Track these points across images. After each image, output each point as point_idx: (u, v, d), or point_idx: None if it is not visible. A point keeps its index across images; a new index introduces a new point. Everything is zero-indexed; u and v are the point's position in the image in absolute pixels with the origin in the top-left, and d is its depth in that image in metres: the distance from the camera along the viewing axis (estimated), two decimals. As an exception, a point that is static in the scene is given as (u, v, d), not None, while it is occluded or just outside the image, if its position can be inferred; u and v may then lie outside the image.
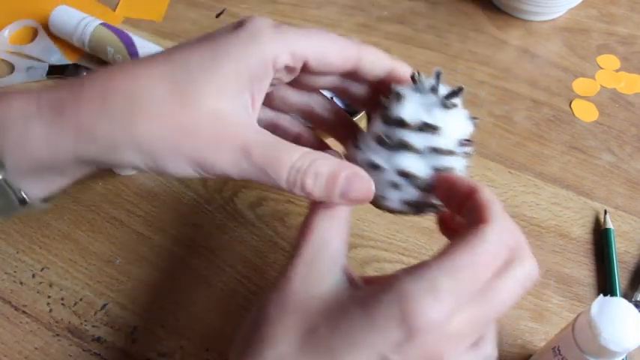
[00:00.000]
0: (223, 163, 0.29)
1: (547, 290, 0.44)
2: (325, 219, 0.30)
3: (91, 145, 0.29)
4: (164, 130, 0.29)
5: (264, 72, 0.31)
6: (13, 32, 0.60)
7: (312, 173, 0.29)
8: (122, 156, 0.29)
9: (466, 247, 0.26)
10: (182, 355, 0.40)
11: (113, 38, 0.55)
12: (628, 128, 0.54)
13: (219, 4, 0.63)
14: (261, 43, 0.31)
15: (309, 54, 0.32)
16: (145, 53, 0.54)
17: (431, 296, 0.25)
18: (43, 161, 0.29)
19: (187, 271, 0.44)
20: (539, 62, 0.59)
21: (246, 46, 0.31)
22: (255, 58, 0.31)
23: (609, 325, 0.30)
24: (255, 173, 0.29)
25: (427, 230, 0.46)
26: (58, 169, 0.31)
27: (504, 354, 0.41)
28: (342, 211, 0.31)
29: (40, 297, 0.43)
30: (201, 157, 0.29)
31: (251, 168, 0.29)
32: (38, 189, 0.31)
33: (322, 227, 0.30)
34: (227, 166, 0.29)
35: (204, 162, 0.29)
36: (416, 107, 0.31)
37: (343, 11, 0.63)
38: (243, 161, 0.29)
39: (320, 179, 0.29)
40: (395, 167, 0.31)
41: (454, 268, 0.26)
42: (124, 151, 0.29)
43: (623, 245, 0.46)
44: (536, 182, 0.50)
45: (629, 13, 0.63)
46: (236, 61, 0.30)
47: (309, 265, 0.29)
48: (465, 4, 0.64)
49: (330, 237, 0.30)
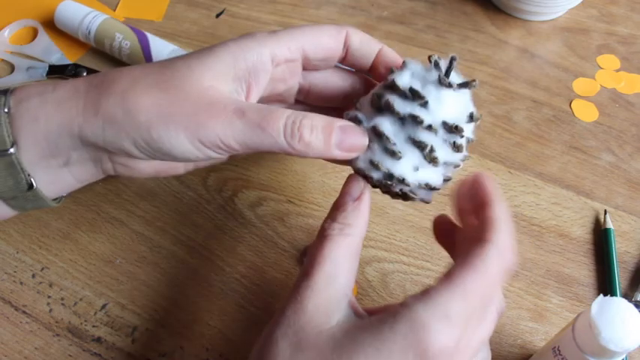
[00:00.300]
0: (217, 125, 0.30)
1: (547, 290, 0.44)
2: (338, 249, 0.29)
3: (93, 120, 0.30)
4: (159, 101, 0.30)
5: (261, 66, 0.33)
6: (13, 32, 0.60)
7: (308, 125, 0.30)
8: (119, 133, 0.30)
9: (475, 271, 0.27)
10: (182, 355, 0.40)
11: (123, 27, 0.55)
12: (628, 128, 0.54)
13: (219, 4, 0.63)
14: (259, 42, 0.33)
15: (305, 44, 0.34)
16: (155, 42, 0.54)
17: (445, 323, 0.26)
18: (51, 136, 0.31)
19: (187, 271, 0.44)
20: (539, 62, 0.59)
21: (245, 43, 0.33)
22: (253, 53, 0.32)
23: (609, 325, 0.30)
24: (250, 130, 0.30)
25: (427, 230, 0.46)
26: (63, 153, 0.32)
27: (504, 354, 0.41)
28: (355, 242, 0.30)
29: (40, 297, 0.43)
30: (196, 122, 0.30)
31: (246, 127, 0.30)
32: (44, 179, 0.33)
33: (334, 258, 0.29)
34: (222, 127, 0.29)
35: (198, 128, 0.30)
36: (413, 77, 0.31)
37: (343, 11, 0.63)
38: (237, 122, 0.30)
39: (316, 130, 0.30)
40: (371, 125, 0.31)
41: (465, 292, 0.27)
42: (121, 127, 0.30)
43: (623, 245, 0.46)
44: (536, 182, 0.50)
45: (629, 13, 0.63)
46: (233, 53, 0.32)
47: (320, 297, 0.28)
48: (465, 4, 0.64)
49: (341, 269, 0.29)
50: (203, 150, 0.31)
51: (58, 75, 0.56)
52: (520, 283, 0.44)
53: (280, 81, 0.36)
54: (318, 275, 0.28)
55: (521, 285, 0.44)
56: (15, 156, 0.31)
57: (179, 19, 0.62)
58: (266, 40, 0.33)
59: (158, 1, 0.63)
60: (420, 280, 0.44)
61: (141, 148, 0.31)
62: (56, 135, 0.31)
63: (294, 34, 0.34)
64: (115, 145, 0.31)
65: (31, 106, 0.31)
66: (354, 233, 0.30)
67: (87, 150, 0.32)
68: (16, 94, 0.32)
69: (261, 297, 0.43)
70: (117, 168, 0.34)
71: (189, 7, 0.63)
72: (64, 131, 0.31)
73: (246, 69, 0.32)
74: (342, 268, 0.29)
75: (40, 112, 0.31)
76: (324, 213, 0.46)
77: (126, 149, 0.31)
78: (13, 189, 0.32)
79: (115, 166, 0.34)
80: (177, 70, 0.31)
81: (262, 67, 0.33)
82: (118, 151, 0.32)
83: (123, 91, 0.31)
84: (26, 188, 0.32)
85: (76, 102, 0.31)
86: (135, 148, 0.31)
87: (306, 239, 0.46)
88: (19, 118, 0.31)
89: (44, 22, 0.60)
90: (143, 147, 0.31)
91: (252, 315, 0.42)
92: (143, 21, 0.61)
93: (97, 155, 0.33)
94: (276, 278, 0.44)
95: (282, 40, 0.33)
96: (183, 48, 0.58)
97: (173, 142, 0.30)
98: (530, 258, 0.45)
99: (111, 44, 0.55)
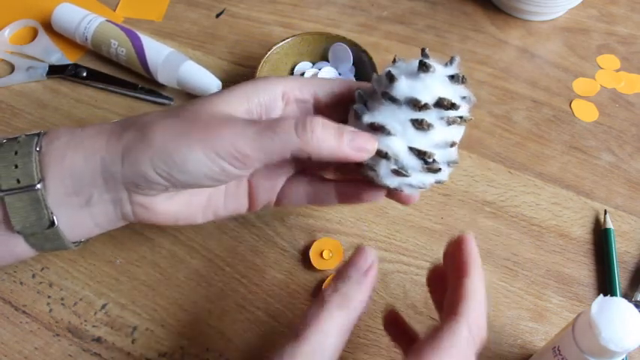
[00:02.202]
0: (230, 134, 0.31)
1: (547, 290, 0.44)
2: (332, 321, 0.30)
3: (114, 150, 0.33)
4: (174, 124, 0.32)
5: (273, 103, 0.35)
6: (13, 32, 0.60)
7: (320, 122, 0.31)
8: (137, 156, 0.32)
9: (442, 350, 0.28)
10: (182, 355, 0.40)
11: (118, 32, 0.55)
12: (628, 128, 0.54)
13: (219, 4, 0.63)
14: (271, 81, 0.35)
15: (316, 88, 0.36)
16: (150, 48, 0.54)
17: None
18: (76, 170, 0.33)
19: (187, 271, 0.44)
20: (539, 62, 0.59)
21: (258, 82, 0.35)
22: (266, 89, 0.35)
23: (609, 325, 0.30)
24: (262, 134, 0.31)
25: (427, 230, 0.46)
26: (85, 191, 0.34)
27: (504, 354, 0.41)
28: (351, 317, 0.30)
29: (40, 297, 0.43)
30: (209, 133, 0.31)
31: (257, 132, 0.31)
32: (65, 219, 0.34)
33: (327, 331, 0.29)
34: (234, 136, 0.31)
35: (213, 140, 0.31)
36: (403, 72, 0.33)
37: (343, 11, 0.63)
38: (249, 129, 0.31)
39: (327, 127, 0.32)
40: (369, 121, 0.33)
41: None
42: (139, 149, 0.32)
43: (623, 245, 0.46)
44: (536, 182, 0.50)
45: (629, 13, 0.63)
46: (247, 91, 0.34)
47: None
48: (465, 4, 0.64)
49: (330, 343, 0.29)
50: (219, 162, 0.31)
51: (58, 75, 0.56)
52: (520, 283, 0.44)
53: None
54: (307, 343, 0.29)
55: (521, 285, 0.44)
56: (41, 192, 0.33)
57: (179, 19, 0.62)
58: (279, 79, 0.36)
59: (158, 1, 0.63)
60: (420, 280, 0.44)
61: (159, 170, 0.32)
62: (80, 170, 0.33)
63: (306, 79, 0.37)
64: (133, 170, 0.32)
65: (60, 145, 0.34)
66: (352, 307, 0.30)
67: (107, 189, 0.34)
68: (48, 134, 0.34)
69: (261, 297, 0.43)
70: (136, 210, 0.35)
71: (189, 7, 0.63)
72: (88, 165, 0.33)
73: (258, 104, 0.34)
74: (331, 342, 0.29)
75: (68, 150, 0.33)
76: (324, 213, 0.47)
77: (144, 173, 0.32)
78: (34, 225, 0.33)
79: (134, 208, 0.35)
80: (193, 104, 0.33)
81: (274, 103, 0.35)
82: (137, 178, 0.32)
83: (143, 124, 0.33)
84: (47, 225, 0.34)
85: (100, 137, 0.33)
86: (153, 171, 0.32)
87: (306, 239, 0.46)
88: (48, 156, 0.33)
89: (44, 23, 0.60)
90: (161, 168, 0.32)
91: (252, 315, 0.42)
92: (143, 21, 0.61)
93: (117, 196, 0.34)
94: (276, 278, 0.44)
95: (294, 82, 0.36)
96: (183, 48, 0.58)
97: (189, 156, 0.31)
98: (530, 258, 0.45)
99: (108, 50, 0.55)
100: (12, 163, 0.33)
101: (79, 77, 0.55)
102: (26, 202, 0.33)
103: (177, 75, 0.53)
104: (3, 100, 0.54)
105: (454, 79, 0.32)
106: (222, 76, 0.55)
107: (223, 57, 0.58)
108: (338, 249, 0.45)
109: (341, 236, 0.46)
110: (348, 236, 0.46)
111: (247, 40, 0.60)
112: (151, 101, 0.55)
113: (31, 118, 0.53)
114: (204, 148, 0.31)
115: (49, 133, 0.35)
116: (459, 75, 0.32)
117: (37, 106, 0.54)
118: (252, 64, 0.54)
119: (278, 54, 0.52)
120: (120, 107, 0.54)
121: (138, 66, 0.54)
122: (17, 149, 0.33)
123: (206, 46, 0.59)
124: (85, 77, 0.55)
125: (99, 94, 0.55)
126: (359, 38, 0.56)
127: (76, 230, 0.35)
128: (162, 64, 0.53)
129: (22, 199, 0.33)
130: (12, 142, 0.34)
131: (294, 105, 0.36)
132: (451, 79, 0.33)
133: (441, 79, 0.33)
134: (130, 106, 0.54)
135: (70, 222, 0.34)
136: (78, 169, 0.33)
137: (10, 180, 0.32)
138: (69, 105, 0.54)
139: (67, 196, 0.33)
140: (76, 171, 0.33)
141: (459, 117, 0.33)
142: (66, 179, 0.33)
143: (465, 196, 0.48)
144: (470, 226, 0.47)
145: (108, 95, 0.55)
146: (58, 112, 0.54)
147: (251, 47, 0.59)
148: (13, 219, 0.33)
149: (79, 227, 0.35)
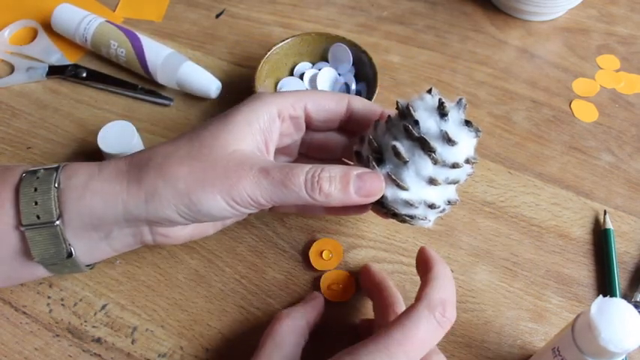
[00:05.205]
0: (247, 185, 0.33)
1: (547, 290, 0.44)
2: (284, 325, 0.37)
3: (136, 194, 0.34)
4: (193, 169, 0.34)
5: (272, 122, 0.37)
6: (13, 32, 0.60)
7: (327, 177, 0.33)
8: (162, 202, 0.34)
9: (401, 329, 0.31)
10: (182, 355, 0.40)
11: (117, 33, 0.55)
12: (628, 128, 0.54)
13: (219, 4, 0.63)
14: (266, 101, 0.37)
15: (308, 103, 0.38)
16: (150, 49, 0.54)
17: None
18: (96, 212, 0.35)
19: (187, 271, 0.44)
20: (539, 62, 0.59)
21: (255, 105, 0.37)
22: (263, 111, 0.36)
23: (609, 326, 0.30)
24: (275, 187, 0.33)
25: (427, 231, 0.46)
26: (104, 228, 0.36)
27: (504, 354, 0.41)
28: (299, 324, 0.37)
29: (40, 297, 0.43)
30: (228, 183, 0.33)
31: (271, 184, 0.33)
32: (83, 249, 0.36)
33: (281, 332, 0.36)
34: (251, 187, 0.33)
35: (231, 190, 0.33)
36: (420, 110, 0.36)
37: (343, 11, 0.63)
38: (263, 180, 0.33)
39: (334, 180, 0.34)
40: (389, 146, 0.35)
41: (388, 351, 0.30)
42: (163, 196, 0.34)
43: (622, 245, 0.46)
44: (536, 182, 0.50)
45: (629, 13, 0.63)
46: (247, 116, 0.36)
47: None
48: (465, 4, 0.64)
49: (287, 341, 0.36)
50: (237, 208, 0.34)
51: (58, 75, 0.56)
52: (520, 284, 0.44)
53: (286, 136, 0.40)
54: (268, 344, 0.36)
55: (521, 285, 0.44)
56: (60, 227, 0.35)
57: (179, 19, 0.62)
58: (273, 99, 0.37)
59: (158, 2, 0.63)
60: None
61: (182, 213, 0.34)
62: (101, 212, 0.35)
63: (298, 94, 0.39)
64: (157, 215, 0.34)
65: (78, 184, 0.35)
66: (298, 317, 0.37)
67: (128, 224, 0.36)
68: (65, 170, 0.36)
69: (260, 297, 0.43)
70: (157, 239, 0.37)
71: (189, 8, 0.63)
72: (108, 208, 0.34)
73: (260, 129, 0.36)
74: (287, 339, 0.36)
75: (86, 192, 0.35)
76: (324, 213, 0.46)
77: (168, 217, 0.34)
78: (53, 256, 0.36)
79: (155, 237, 0.37)
80: (204, 141, 0.35)
81: (273, 125, 0.37)
82: (161, 220, 0.35)
83: (159, 165, 0.34)
84: (65, 256, 0.36)
85: (120, 180, 0.35)
86: (177, 215, 0.34)
87: (306, 239, 0.46)
88: (66, 193, 0.35)
89: (44, 23, 0.60)
90: (184, 212, 0.34)
91: (252, 315, 0.42)
92: (142, 21, 0.61)
93: (138, 230, 0.36)
94: (276, 278, 0.44)
95: (287, 99, 0.38)
96: (183, 48, 0.58)
97: (211, 203, 0.33)
98: (530, 258, 0.45)
99: (107, 51, 0.55)
100: (32, 199, 0.34)
101: (78, 78, 0.56)
102: (45, 237, 0.35)
103: (177, 76, 0.53)
104: (3, 101, 0.54)
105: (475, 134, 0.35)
106: (222, 77, 0.55)
107: (223, 57, 0.58)
108: (338, 249, 0.45)
109: (341, 237, 0.46)
110: (348, 237, 0.46)
111: (247, 40, 0.60)
112: (151, 102, 0.55)
113: (31, 119, 0.53)
114: (225, 196, 0.33)
115: (66, 169, 0.36)
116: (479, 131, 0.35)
117: (37, 106, 0.54)
118: (252, 64, 0.54)
119: (278, 54, 0.53)
120: (120, 107, 0.54)
121: (137, 66, 0.54)
122: (37, 186, 0.35)
123: (206, 47, 0.59)
124: (84, 78, 0.56)
125: (99, 94, 0.55)
126: (359, 38, 0.56)
127: (93, 256, 0.38)
128: (161, 65, 0.53)
129: (41, 233, 0.35)
130: (31, 176, 0.35)
131: (289, 122, 0.39)
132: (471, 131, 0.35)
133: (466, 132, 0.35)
134: (129, 107, 0.54)
135: (88, 251, 0.37)
136: (98, 211, 0.35)
137: (31, 216, 0.34)
138: (69, 105, 0.54)
139: (86, 231, 0.35)
140: (96, 213, 0.35)
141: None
142: (84, 217, 0.35)
143: (464, 197, 0.48)
144: (469, 227, 0.47)
145: (108, 96, 0.55)
146: (58, 112, 0.54)
147: (251, 47, 0.59)
148: (34, 251, 0.35)
149: (97, 254, 0.38)
